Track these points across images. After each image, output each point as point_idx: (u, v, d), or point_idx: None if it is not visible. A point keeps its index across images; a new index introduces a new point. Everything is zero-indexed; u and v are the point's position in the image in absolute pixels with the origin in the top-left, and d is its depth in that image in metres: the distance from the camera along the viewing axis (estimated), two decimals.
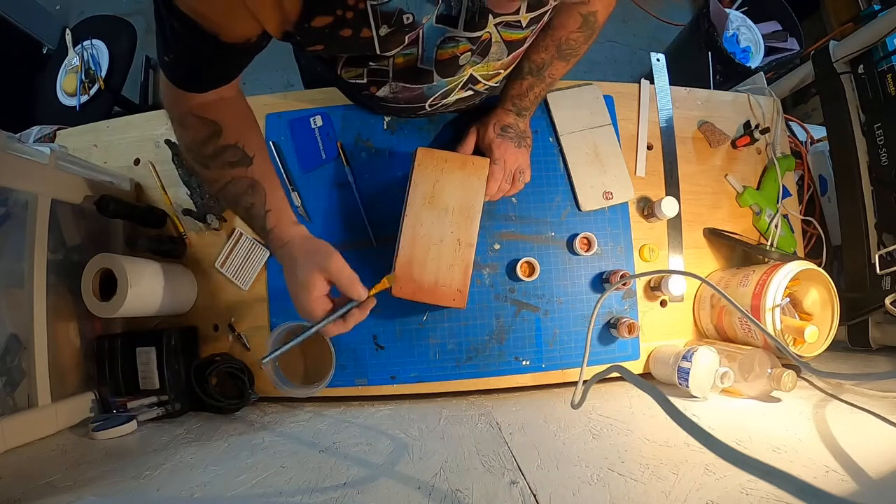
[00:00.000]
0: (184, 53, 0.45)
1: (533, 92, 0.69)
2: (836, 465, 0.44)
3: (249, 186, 0.55)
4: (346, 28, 0.44)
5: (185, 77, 0.48)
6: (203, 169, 0.55)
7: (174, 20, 0.40)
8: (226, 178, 0.54)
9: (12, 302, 0.62)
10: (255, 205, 0.55)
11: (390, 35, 0.46)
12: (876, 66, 0.80)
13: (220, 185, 0.55)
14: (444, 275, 0.66)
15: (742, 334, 0.73)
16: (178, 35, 0.42)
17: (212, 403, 0.71)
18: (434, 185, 0.67)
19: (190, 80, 0.49)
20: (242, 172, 0.54)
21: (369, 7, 0.43)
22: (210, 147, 0.52)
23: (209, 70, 0.48)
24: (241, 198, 0.55)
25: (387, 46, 0.48)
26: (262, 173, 0.55)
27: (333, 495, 0.43)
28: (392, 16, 0.44)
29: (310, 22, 0.42)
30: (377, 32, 0.45)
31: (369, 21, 0.44)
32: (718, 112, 0.88)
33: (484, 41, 0.52)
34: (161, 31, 0.43)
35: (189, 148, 0.54)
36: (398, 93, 0.59)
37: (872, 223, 0.81)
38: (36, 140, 0.95)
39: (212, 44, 0.42)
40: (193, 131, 0.52)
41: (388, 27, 0.45)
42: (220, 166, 0.53)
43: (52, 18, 1.80)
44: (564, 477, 0.45)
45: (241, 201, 0.55)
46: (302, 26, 0.42)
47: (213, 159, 0.53)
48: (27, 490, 0.47)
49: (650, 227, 0.82)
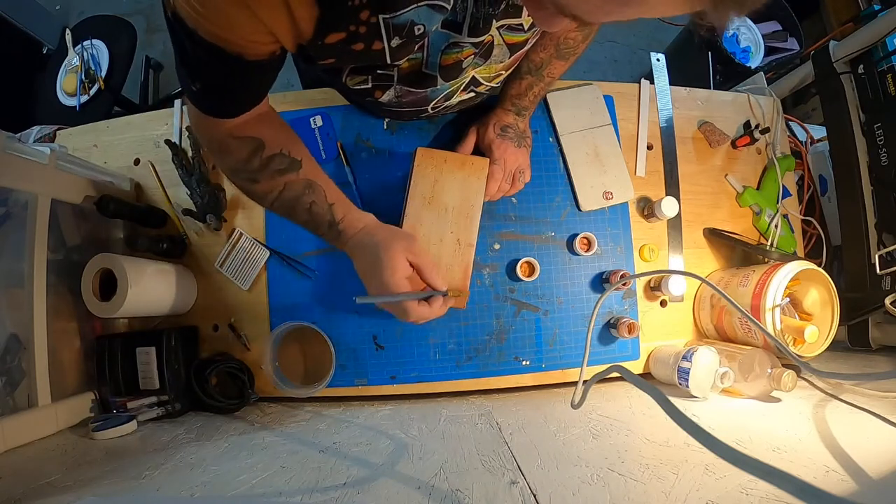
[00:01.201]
0: (213, 81, 0.44)
1: (532, 91, 0.69)
2: (836, 465, 0.44)
3: (306, 187, 0.54)
4: (358, 42, 0.44)
5: (217, 105, 0.48)
6: (253, 185, 0.54)
7: (200, 51, 0.39)
8: (279, 187, 0.54)
9: (12, 302, 0.62)
10: (317, 202, 0.55)
11: (401, 46, 0.46)
12: (876, 66, 0.80)
13: (275, 195, 0.54)
14: (444, 275, 0.66)
15: (742, 334, 0.73)
16: (205, 64, 0.41)
17: (212, 403, 0.71)
18: (434, 185, 0.67)
19: (223, 108, 0.48)
20: (294, 177, 0.54)
21: (381, 21, 0.42)
22: (256, 161, 0.52)
23: (240, 93, 0.48)
24: (299, 200, 0.55)
25: (397, 56, 0.48)
26: (315, 173, 0.56)
27: (333, 495, 0.43)
28: (403, 28, 0.44)
29: (323, 39, 0.42)
30: (388, 44, 0.45)
31: (381, 34, 0.44)
32: (718, 112, 0.88)
33: (486, 44, 0.53)
34: (183, 63, 0.42)
35: (234, 170, 0.54)
36: (402, 97, 0.59)
37: (872, 223, 0.81)
38: (36, 140, 0.95)
39: (239, 65, 0.42)
40: (236, 152, 0.52)
41: (399, 38, 0.45)
42: (269, 177, 0.53)
43: (52, 18, 1.80)
44: (564, 477, 0.45)
45: (299, 204, 0.55)
46: (315, 43, 0.42)
47: (261, 171, 0.53)
48: (27, 490, 0.47)
49: (650, 227, 0.82)
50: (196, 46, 0.39)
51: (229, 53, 0.40)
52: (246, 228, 0.78)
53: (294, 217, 0.57)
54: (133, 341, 0.72)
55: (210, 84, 0.45)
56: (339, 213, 0.56)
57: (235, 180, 0.56)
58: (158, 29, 1.91)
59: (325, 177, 0.57)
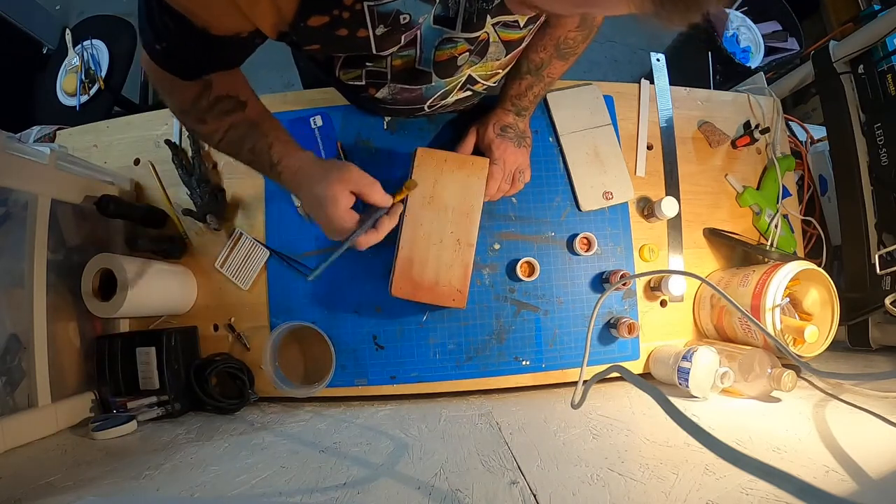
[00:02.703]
0: (176, 45, 0.45)
1: (532, 91, 0.69)
2: (836, 465, 0.44)
3: (248, 128, 0.55)
4: (342, 28, 0.44)
5: (178, 67, 0.49)
6: (200, 125, 0.55)
7: (167, 16, 0.41)
8: (224, 127, 0.55)
9: (12, 302, 0.62)
10: (258, 143, 0.56)
11: (386, 35, 0.46)
12: (876, 66, 0.80)
13: (220, 135, 0.55)
14: (444, 275, 0.66)
15: (742, 334, 0.73)
16: (170, 29, 0.43)
17: (212, 403, 0.71)
18: (434, 185, 0.67)
19: (184, 70, 0.50)
20: (240, 117, 0.55)
21: (366, 7, 0.43)
22: (203, 101, 0.53)
23: (202, 61, 0.49)
24: (242, 141, 0.56)
25: (383, 46, 0.48)
26: (258, 114, 0.56)
27: (333, 495, 0.43)
28: (389, 16, 0.44)
29: (306, 21, 0.43)
30: (374, 32, 0.45)
31: (366, 21, 0.44)
32: (718, 112, 0.88)
33: (482, 41, 0.52)
34: (149, 22, 0.44)
35: (183, 110, 0.55)
36: (397, 94, 0.59)
37: (872, 223, 0.81)
38: (36, 140, 0.95)
39: (204, 38, 0.43)
40: (184, 92, 0.53)
41: (384, 27, 0.45)
42: (216, 117, 0.54)
43: (52, 18, 1.80)
44: (564, 477, 0.45)
45: (243, 145, 0.56)
46: (298, 25, 0.43)
47: (208, 111, 0.53)
48: (27, 490, 0.47)
49: (650, 227, 0.82)
50: (163, 11, 0.41)
51: (195, 25, 0.41)
52: (246, 228, 0.78)
53: (239, 157, 0.58)
54: (133, 341, 0.72)
55: (173, 47, 0.46)
56: (277, 153, 0.56)
57: (184, 120, 0.57)
58: None
59: (269, 117, 0.57)
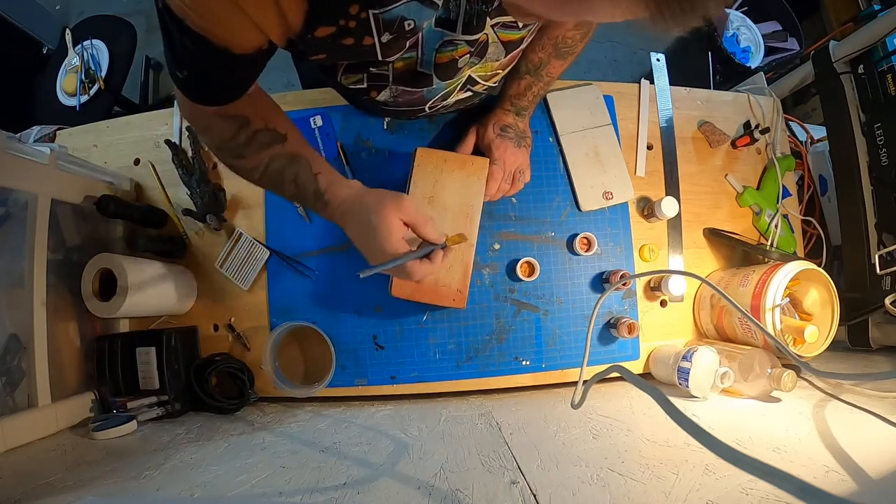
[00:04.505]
0: (199, 70, 0.45)
1: (531, 91, 0.69)
2: (836, 465, 0.44)
3: (290, 159, 0.54)
4: (348, 37, 0.44)
5: (203, 93, 0.48)
6: (239, 160, 0.54)
7: (187, 40, 0.40)
8: (265, 161, 0.54)
9: (12, 302, 0.62)
10: (301, 173, 0.54)
11: (392, 41, 0.46)
12: (876, 66, 0.80)
13: (262, 169, 0.54)
14: (444, 275, 0.66)
15: (742, 334, 0.73)
16: (192, 53, 0.42)
17: (212, 403, 0.71)
18: (434, 185, 0.67)
19: (209, 96, 0.49)
20: (280, 150, 0.54)
21: (371, 16, 0.43)
22: (242, 137, 0.52)
23: (226, 83, 0.48)
24: (284, 172, 0.54)
25: (388, 52, 0.48)
26: (299, 145, 0.55)
27: (333, 495, 0.43)
28: (394, 23, 0.44)
29: (312, 33, 0.42)
30: (379, 39, 0.45)
31: (371, 29, 0.44)
32: (718, 112, 0.88)
33: (482, 43, 0.53)
34: (171, 50, 0.43)
35: (220, 147, 0.54)
36: (398, 96, 0.60)
37: (872, 223, 0.81)
38: (36, 140, 0.95)
39: (225, 58, 0.42)
40: (221, 131, 0.52)
41: (389, 34, 0.45)
42: (255, 151, 0.53)
43: (52, 18, 1.80)
44: (564, 477, 0.45)
45: (285, 176, 0.55)
46: (305, 37, 0.43)
47: (247, 147, 0.53)
48: (27, 490, 0.47)
49: (650, 227, 0.82)
50: (183, 35, 0.40)
51: (215, 45, 0.40)
52: (246, 228, 0.78)
53: (281, 190, 0.57)
54: (133, 341, 0.72)
55: (196, 72, 0.45)
56: (324, 182, 0.55)
57: (221, 157, 0.56)
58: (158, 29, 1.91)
59: (309, 148, 0.56)
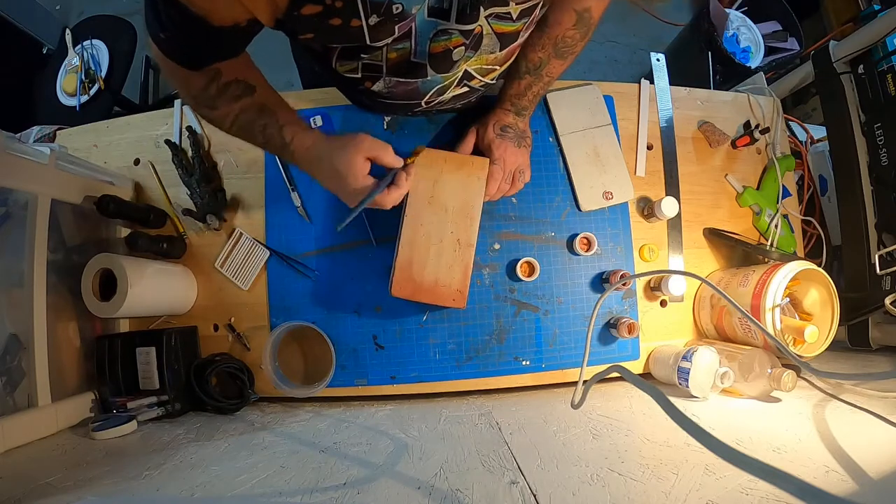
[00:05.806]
0: (179, 35, 0.47)
1: (531, 91, 0.69)
2: (836, 465, 0.44)
3: (259, 110, 0.57)
4: (335, 17, 0.45)
5: (181, 56, 0.51)
6: (212, 111, 0.57)
7: (169, 6, 0.42)
8: (235, 111, 0.57)
9: (12, 302, 0.62)
10: (269, 124, 0.58)
11: (380, 25, 0.47)
12: (876, 66, 0.80)
13: (232, 119, 0.57)
14: (444, 275, 0.66)
15: (742, 334, 0.73)
16: (172, 19, 0.44)
17: (212, 403, 0.71)
18: (434, 185, 0.67)
19: (187, 59, 0.51)
20: (249, 101, 0.57)
21: None
22: (213, 88, 0.55)
23: (204, 50, 0.50)
24: (254, 124, 0.58)
25: (377, 36, 0.49)
26: (268, 97, 0.58)
27: (333, 495, 0.43)
28: (381, 6, 0.45)
29: (299, 10, 0.43)
30: (367, 22, 0.46)
31: (358, 11, 0.45)
32: (718, 112, 0.88)
33: (476, 34, 0.53)
34: (155, 14, 0.45)
35: (195, 98, 0.57)
36: (393, 87, 0.60)
37: (872, 223, 0.81)
38: (36, 140, 0.95)
39: (202, 27, 0.44)
40: (195, 81, 0.54)
41: (377, 17, 0.46)
42: (226, 102, 0.56)
43: (52, 18, 1.80)
44: (564, 477, 0.45)
45: (254, 127, 0.58)
46: (292, 14, 0.44)
47: (218, 97, 0.55)
48: (27, 490, 0.47)
49: (650, 227, 0.82)
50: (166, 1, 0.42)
51: (194, 14, 0.42)
52: (246, 228, 0.78)
53: (251, 140, 0.60)
54: (133, 341, 0.72)
55: (176, 37, 0.47)
56: (289, 133, 0.58)
57: (195, 106, 0.59)
58: None
59: (279, 99, 0.59)
